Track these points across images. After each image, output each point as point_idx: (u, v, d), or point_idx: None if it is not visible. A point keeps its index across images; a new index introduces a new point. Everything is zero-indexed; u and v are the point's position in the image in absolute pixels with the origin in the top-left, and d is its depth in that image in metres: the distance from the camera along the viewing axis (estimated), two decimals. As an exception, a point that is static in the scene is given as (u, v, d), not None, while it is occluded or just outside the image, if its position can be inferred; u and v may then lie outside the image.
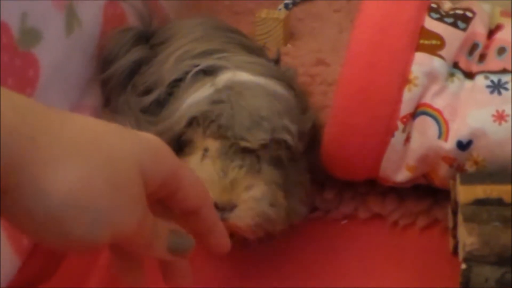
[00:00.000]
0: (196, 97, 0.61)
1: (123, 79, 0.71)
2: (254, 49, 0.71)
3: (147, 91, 0.67)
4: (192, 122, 0.59)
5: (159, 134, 0.45)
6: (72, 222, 0.38)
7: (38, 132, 0.38)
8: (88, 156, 0.39)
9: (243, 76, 0.62)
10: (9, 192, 0.37)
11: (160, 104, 0.64)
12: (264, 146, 0.57)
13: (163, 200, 0.46)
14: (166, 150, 0.44)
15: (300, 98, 0.65)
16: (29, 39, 0.63)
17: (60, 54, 0.68)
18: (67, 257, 0.64)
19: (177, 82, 0.64)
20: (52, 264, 0.63)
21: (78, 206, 0.38)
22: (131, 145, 0.42)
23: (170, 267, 0.48)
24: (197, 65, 0.64)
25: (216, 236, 0.49)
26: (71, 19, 0.70)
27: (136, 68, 0.71)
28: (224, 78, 0.61)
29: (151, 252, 0.44)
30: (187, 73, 0.64)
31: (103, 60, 0.74)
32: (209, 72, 0.63)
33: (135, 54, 0.71)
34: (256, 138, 0.57)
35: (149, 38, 0.74)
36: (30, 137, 0.37)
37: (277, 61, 0.72)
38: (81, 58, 0.73)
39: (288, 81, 0.66)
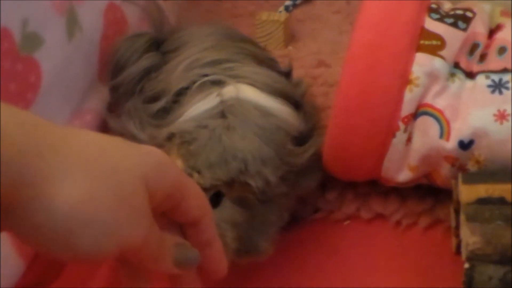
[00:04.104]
0: (199, 107, 0.60)
1: (132, 86, 0.70)
2: (265, 60, 0.70)
3: (154, 98, 0.66)
4: (173, 137, 0.58)
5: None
6: (79, 234, 0.38)
7: (44, 148, 0.38)
8: (93, 170, 0.40)
9: (249, 92, 0.61)
10: (17, 207, 0.37)
11: (166, 111, 0.64)
12: (215, 186, 0.56)
13: (166, 212, 0.45)
14: (169, 162, 0.44)
15: (309, 116, 0.64)
16: (31, 44, 0.63)
17: (61, 58, 0.68)
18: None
19: (184, 90, 0.64)
20: (56, 267, 0.63)
21: (84, 219, 0.38)
22: (135, 159, 0.42)
23: (178, 278, 0.48)
24: (205, 75, 0.63)
25: (215, 250, 0.49)
26: (72, 23, 0.70)
27: (146, 75, 0.70)
28: (230, 91, 0.60)
29: (158, 265, 0.44)
30: (194, 82, 0.63)
31: (114, 66, 0.73)
32: (216, 82, 0.62)
33: (146, 61, 0.71)
34: (211, 177, 0.55)
35: (160, 44, 0.73)
36: (37, 152, 0.38)
37: (288, 74, 0.70)
38: (82, 62, 0.73)
39: (297, 97, 0.65)
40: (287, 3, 0.96)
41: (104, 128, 0.70)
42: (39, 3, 0.64)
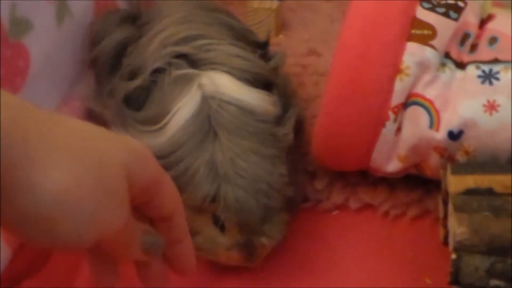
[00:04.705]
0: (183, 112, 0.59)
1: (109, 60, 0.70)
2: (240, 31, 0.69)
3: (132, 75, 0.65)
4: None
5: None
6: (61, 220, 0.39)
7: (30, 132, 0.38)
8: (78, 158, 0.40)
9: (227, 85, 0.60)
10: (1, 192, 0.37)
11: (144, 90, 0.63)
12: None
13: (141, 206, 0.46)
14: (149, 156, 0.45)
15: (283, 92, 0.64)
16: (19, 29, 0.63)
17: (50, 44, 0.68)
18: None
19: (160, 69, 0.63)
20: (44, 255, 0.63)
21: (67, 205, 0.39)
22: (119, 150, 0.43)
23: (147, 270, 0.49)
24: (180, 54, 0.63)
25: (185, 247, 0.49)
26: (62, 9, 0.69)
27: (121, 50, 0.69)
28: (208, 83, 0.60)
29: (128, 252, 0.46)
30: (169, 63, 0.62)
31: (91, 42, 0.73)
32: (193, 63, 0.62)
33: (120, 33, 0.70)
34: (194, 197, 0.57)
35: (136, 19, 0.73)
36: (22, 137, 0.38)
37: (265, 45, 0.69)
38: (72, 49, 0.73)
39: (272, 76, 0.64)
40: (279, -9, 0.95)
41: (91, 115, 0.70)
42: (28, -12, 0.64)
